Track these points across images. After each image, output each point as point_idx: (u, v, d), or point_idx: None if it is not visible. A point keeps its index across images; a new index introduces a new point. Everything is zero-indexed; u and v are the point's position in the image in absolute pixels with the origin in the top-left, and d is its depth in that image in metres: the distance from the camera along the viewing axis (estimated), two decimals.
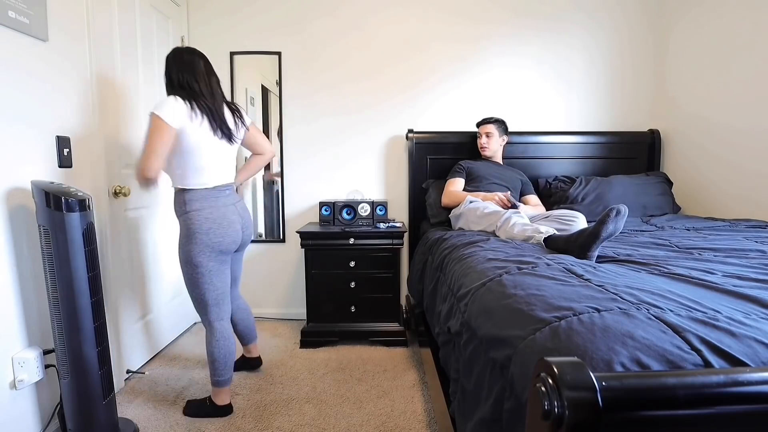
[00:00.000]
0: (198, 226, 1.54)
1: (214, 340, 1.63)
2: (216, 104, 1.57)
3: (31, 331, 1.45)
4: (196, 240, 1.54)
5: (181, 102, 1.47)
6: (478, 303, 1.07)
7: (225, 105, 1.63)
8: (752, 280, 1.02)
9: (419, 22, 2.61)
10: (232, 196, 1.67)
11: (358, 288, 2.33)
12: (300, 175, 2.71)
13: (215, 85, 1.60)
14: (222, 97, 1.63)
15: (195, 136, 1.50)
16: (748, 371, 0.53)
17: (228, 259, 1.64)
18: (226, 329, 1.66)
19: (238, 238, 1.64)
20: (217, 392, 1.67)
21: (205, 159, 1.54)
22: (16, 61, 1.39)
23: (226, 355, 1.64)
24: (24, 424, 1.43)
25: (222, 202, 1.60)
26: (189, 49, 1.61)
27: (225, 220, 1.58)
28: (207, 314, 1.63)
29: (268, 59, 2.62)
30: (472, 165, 2.34)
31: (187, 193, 1.56)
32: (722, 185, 2.26)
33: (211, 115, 1.53)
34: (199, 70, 1.55)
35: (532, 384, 0.51)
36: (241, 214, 1.67)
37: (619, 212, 1.30)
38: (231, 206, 1.63)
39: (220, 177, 1.61)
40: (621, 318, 0.74)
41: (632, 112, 2.70)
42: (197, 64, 1.56)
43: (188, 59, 1.55)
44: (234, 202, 1.66)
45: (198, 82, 1.53)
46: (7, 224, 1.36)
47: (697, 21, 2.39)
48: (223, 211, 1.59)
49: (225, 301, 1.65)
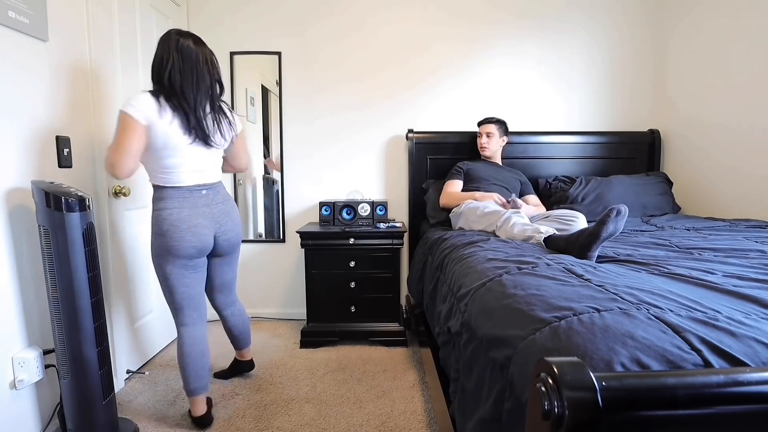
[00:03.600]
0: (157, 227, 1.46)
1: (182, 345, 1.54)
2: (190, 104, 1.43)
3: (31, 331, 1.45)
4: (154, 242, 1.48)
5: (149, 98, 1.38)
6: (478, 303, 1.07)
7: (211, 106, 1.50)
8: (752, 280, 1.02)
9: (419, 22, 2.61)
10: (210, 197, 1.53)
11: (358, 288, 2.33)
12: (300, 175, 2.71)
13: (203, 79, 1.45)
14: (208, 95, 1.48)
15: (163, 135, 1.39)
16: (748, 371, 0.53)
17: (192, 264, 1.52)
18: (191, 335, 1.54)
19: (203, 243, 1.50)
20: (192, 401, 1.58)
21: (177, 158, 1.44)
22: (16, 61, 1.39)
23: (193, 362, 1.53)
24: (24, 424, 1.43)
25: (191, 203, 1.48)
26: (181, 32, 1.45)
27: (186, 223, 1.46)
28: (175, 317, 1.56)
29: (268, 59, 2.62)
30: (471, 166, 2.34)
31: (158, 190, 1.48)
32: (722, 185, 2.26)
33: (185, 115, 1.42)
34: (185, 59, 1.42)
35: (532, 384, 0.51)
36: (217, 218, 1.54)
37: (619, 212, 1.30)
38: (202, 208, 1.50)
39: (198, 177, 1.50)
40: (621, 318, 0.74)
41: (632, 112, 2.70)
42: (185, 50, 1.42)
43: (179, 44, 1.41)
44: (209, 203, 1.52)
45: (181, 74, 1.41)
46: (7, 224, 1.36)
47: (697, 21, 2.39)
48: (188, 213, 1.47)
49: (190, 306, 1.54)
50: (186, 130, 1.43)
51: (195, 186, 1.50)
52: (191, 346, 1.55)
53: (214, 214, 1.54)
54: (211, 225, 1.53)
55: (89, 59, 1.74)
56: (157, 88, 1.44)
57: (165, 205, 1.46)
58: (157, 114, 1.38)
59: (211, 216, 1.53)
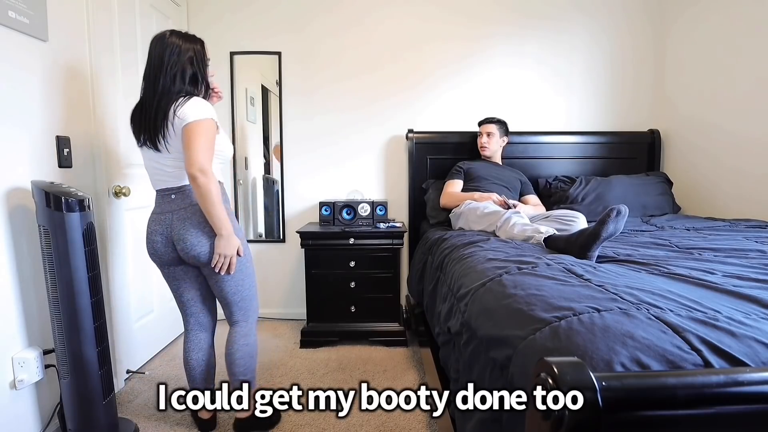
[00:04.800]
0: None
1: (183, 350, 1.56)
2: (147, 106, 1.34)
3: (31, 331, 1.45)
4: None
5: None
6: (478, 303, 1.07)
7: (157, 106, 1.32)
8: (752, 280, 1.02)
9: (419, 22, 2.61)
10: (166, 205, 1.39)
11: (358, 288, 2.33)
12: (300, 174, 2.71)
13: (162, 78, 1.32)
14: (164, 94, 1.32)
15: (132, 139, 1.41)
16: (748, 371, 0.53)
17: (167, 272, 1.47)
18: (190, 341, 1.54)
19: (157, 251, 1.41)
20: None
21: (144, 162, 1.43)
22: (16, 61, 1.39)
23: (191, 369, 1.53)
24: (24, 424, 1.42)
25: (155, 209, 1.43)
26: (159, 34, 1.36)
27: (147, 229, 1.43)
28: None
29: (268, 59, 2.62)
30: (471, 166, 2.34)
31: None
32: (722, 185, 2.26)
33: (136, 121, 1.38)
34: (149, 62, 1.35)
35: (532, 384, 0.51)
36: (171, 225, 1.37)
37: (619, 212, 1.30)
38: (157, 215, 1.40)
39: (158, 181, 1.41)
40: (621, 318, 0.74)
41: (632, 113, 2.70)
42: (152, 51, 1.34)
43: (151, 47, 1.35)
44: (165, 211, 1.39)
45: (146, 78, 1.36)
46: (7, 224, 1.36)
47: (697, 21, 2.39)
48: (150, 220, 1.43)
49: (186, 312, 1.53)
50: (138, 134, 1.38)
51: (161, 191, 1.42)
52: (189, 352, 1.54)
53: (167, 221, 1.38)
54: (163, 232, 1.39)
55: (89, 59, 1.73)
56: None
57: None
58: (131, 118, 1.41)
59: (162, 223, 1.39)
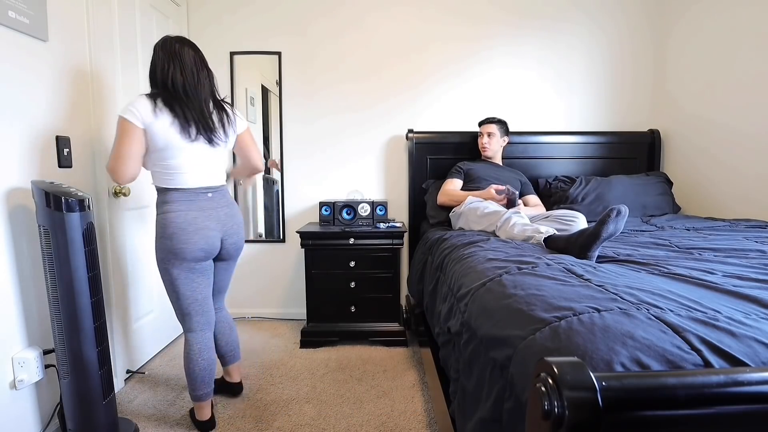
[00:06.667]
0: (164, 229, 1.44)
1: (186, 353, 1.54)
2: (194, 103, 1.44)
3: (31, 331, 1.45)
4: (160, 245, 1.46)
5: (144, 100, 1.38)
6: (478, 303, 1.07)
7: (213, 104, 1.52)
8: (752, 280, 1.02)
9: (419, 22, 2.61)
10: (216, 201, 1.53)
11: (358, 288, 2.33)
12: (300, 175, 2.71)
13: (204, 80, 1.48)
14: (211, 94, 1.52)
15: (162, 136, 1.39)
16: (748, 371, 0.53)
17: (200, 267, 1.51)
18: (199, 341, 1.54)
19: (211, 246, 1.50)
20: (197, 407, 1.58)
21: (179, 159, 1.44)
22: (16, 61, 1.39)
23: (201, 370, 1.53)
24: (24, 424, 1.43)
25: (197, 206, 1.47)
26: (179, 38, 1.48)
27: (193, 226, 1.45)
28: (182, 323, 1.55)
29: (268, 59, 2.62)
30: (471, 166, 2.34)
31: (163, 193, 1.47)
32: (722, 185, 2.26)
33: (184, 116, 1.42)
34: (186, 63, 1.44)
35: (532, 384, 0.51)
36: (223, 221, 1.53)
37: (619, 212, 1.30)
38: (209, 211, 1.50)
39: (202, 179, 1.49)
40: (621, 318, 0.74)
41: (632, 112, 2.70)
42: (185, 55, 1.45)
43: (178, 49, 1.44)
44: (216, 206, 1.52)
45: (183, 75, 1.43)
46: (7, 224, 1.36)
47: (696, 20, 2.39)
48: (195, 216, 1.46)
49: (198, 311, 1.53)
50: (185, 128, 1.42)
51: (200, 188, 1.49)
52: (199, 354, 1.53)
53: (221, 217, 1.53)
54: (218, 228, 1.51)
55: (89, 59, 1.73)
56: (155, 92, 1.44)
57: (171, 208, 1.44)
58: (152, 115, 1.37)
59: (216, 219, 1.51)
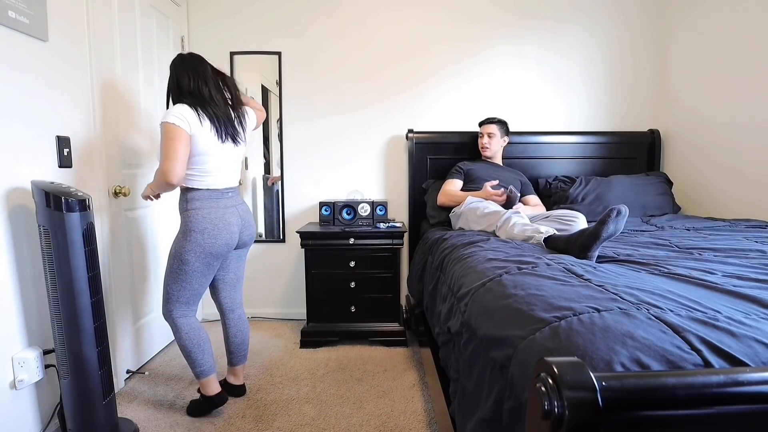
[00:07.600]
0: (195, 224, 1.55)
1: (183, 334, 1.62)
2: (222, 109, 1.59)
3: (31, 331, 1.45)
4: (191, 238, 1.55)
5: (188, 108, 1.50)
6: (478, 303, 1.07)
7: (233, 108, 1.65)
8: (752, 280, 1.02)
9: (419, 23, 2.61)
10: (235, 198, 1.68)
11: (358, 288, 2.33)
12: (300, 175, 2.71)
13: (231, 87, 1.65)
14: (232, 98, 1.65)
15: (204, 142, 1.53)
16: (748, 371, 0.53)
17: (216, 263, 1.64)
18: (192, 322, 1.65)
19: (234, 240, 1.65)
20: (204, 383, 1.65)
21: (212, 164, 1.57)
22: (16, 61, 1.39)
23: (199, 344, 1.63)
24: (24, 424, 1.43)
25: (223, 204, 1.62)
26: (193, 54, 1.63)
27: (222, 222, 1.59)
28: (172, 310, 1.62)
29: (268, 59, 2.62)
30: (472, 166, 2.34)
31: (191, 192, 1.58)
32: (722, 185, 2.26)
33: (218, 121, 1.56)
34: (208, 75, 1.59)
35: (532, 384, 0.51)
36: (242, 216, 1.69)
37: (619, 212, 1.30)
38: (232, 208, 1.65)
39: (226, 180, 1.64)
40: (621, 318, 0.74)
41: (632, 112, 2.70)
42: (206, 69, 1.59)
43: (197, 65, 1.59)
44: (236, 204, 1.67)
45: (208, 87, 1.57)
46: (7, 224, 1.36)
47: (697, 20, 2.39)
48: (223, 213, 1.60)
49: (195, 301, 1.66)
50: (219, 134, 1.57)
51: (225, 189, 1.64)
52: (191, 332, 1.63)
53: (240, 213, 1.68)
54: (239, 223, 1.66)
55: (89, 59, 1.73)
56: (189, 101, 1.53)
57: (202, 205, 1.58)
58: (198, 122, 1.51)
59: (238, 215, 1.66)
